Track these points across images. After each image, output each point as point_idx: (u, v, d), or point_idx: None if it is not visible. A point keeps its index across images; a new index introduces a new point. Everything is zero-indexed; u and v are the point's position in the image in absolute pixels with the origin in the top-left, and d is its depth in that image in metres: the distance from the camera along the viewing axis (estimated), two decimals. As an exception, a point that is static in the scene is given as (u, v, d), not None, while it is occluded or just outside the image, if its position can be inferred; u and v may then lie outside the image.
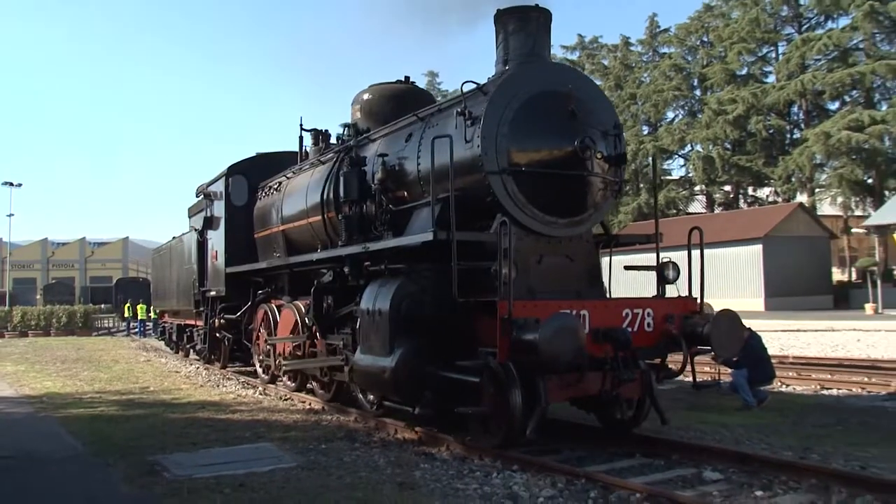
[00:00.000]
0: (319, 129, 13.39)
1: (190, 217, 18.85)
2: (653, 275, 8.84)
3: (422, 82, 57.77)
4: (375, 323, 8.46)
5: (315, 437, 8.65)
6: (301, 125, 13.31)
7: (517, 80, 8.22)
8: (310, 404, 11.41)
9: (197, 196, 17.30)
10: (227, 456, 7.78)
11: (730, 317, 7.77)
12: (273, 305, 13.48)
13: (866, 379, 12.69)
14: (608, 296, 8.69)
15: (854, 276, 43.84)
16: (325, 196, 11.27)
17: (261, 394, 12.94)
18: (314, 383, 11.73)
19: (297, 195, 12.42)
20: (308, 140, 13.52)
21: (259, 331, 13.89)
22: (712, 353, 8.08)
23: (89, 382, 15.61)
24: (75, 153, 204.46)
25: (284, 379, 12.97)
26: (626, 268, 8.87)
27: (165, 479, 6.86)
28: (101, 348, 27.95)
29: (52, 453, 8.21)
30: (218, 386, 14.32)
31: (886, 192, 41.96)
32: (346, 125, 11.31)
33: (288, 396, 12.26)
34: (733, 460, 7.00)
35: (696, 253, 8.26)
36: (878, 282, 33.88)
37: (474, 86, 8.34)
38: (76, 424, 10.07)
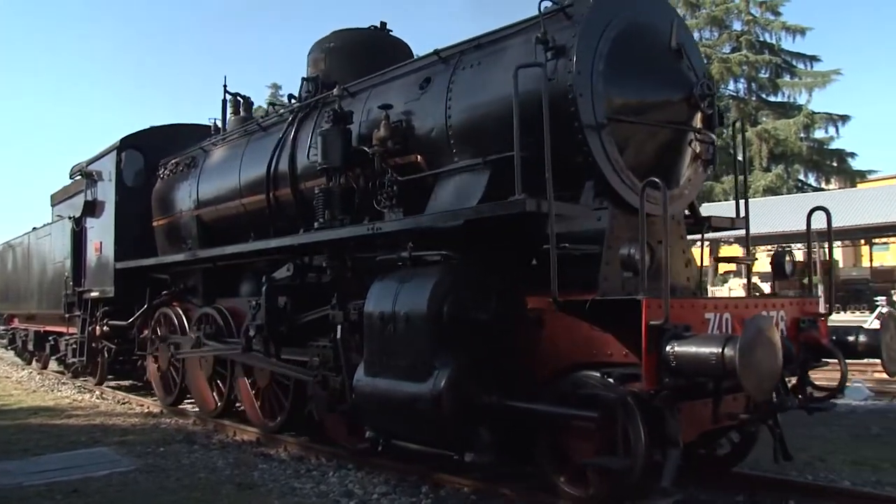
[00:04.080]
0: (241, 94, 9.95)
1: (55, 205, 14.25)
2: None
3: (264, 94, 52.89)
4: (398, 333, 5.34)
5: (153, 441, 7.85)
6: (225, 87, 9.76)
7: (608, 4, 5.37)
8: (148, 407, 10.21)
9: (71, 177, 12.90)
10: (61, 462, 6.91)
11: (896, 320, 5.31)
12: (178, 310, 9.75)
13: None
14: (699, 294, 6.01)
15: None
16: (272, 169, 7.88)
17: (98, 398, 11.44)
18: (244, 404, 8.23)
19: (224, 171, 8.87)
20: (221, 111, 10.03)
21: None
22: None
23: None
24: None
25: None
26: (717, 259, 6.18)
27: (-8, 488, 5.99)
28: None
29: None
30: (52, 391, 12.56)
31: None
32: (305, 79, 7.94)
33: (126, 400, 10.94)
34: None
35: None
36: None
37: (553, 5, 5.37)
38: None
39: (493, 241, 5.54)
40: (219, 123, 10.57)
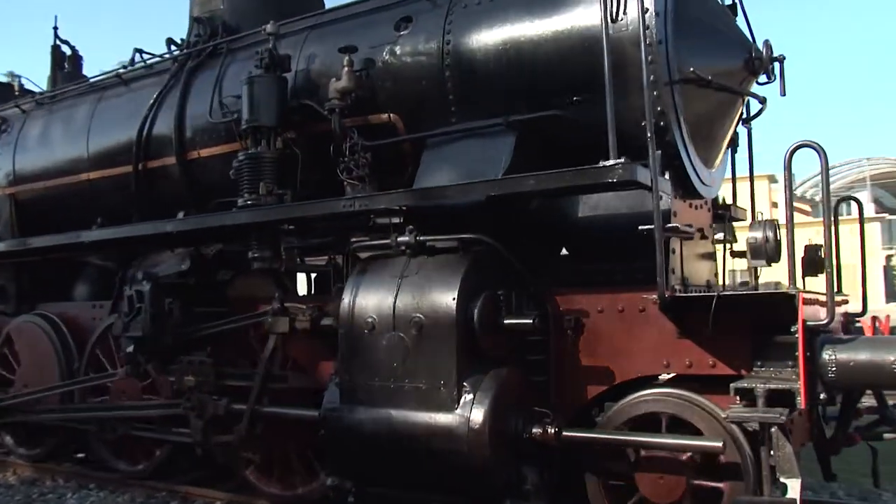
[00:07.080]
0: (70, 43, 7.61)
1: None
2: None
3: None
4: (404, 345, 3.86)
5: None
6: (56, 29, 7.33)
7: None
8: None
9: None
10: None
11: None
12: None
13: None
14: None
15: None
16: (145, 133, 5.84)
17: None
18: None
19: (60, 137, 6.57)
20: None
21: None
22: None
23: None
24: None
25: (6, 438, 6.70)
26: (734, 254, 5.29)
27: None
28: None
29: None
30: None
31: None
32: (196, 20, 5.96)
33: None
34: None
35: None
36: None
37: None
38: None
39: (513, 226, 4.26)
40: (25, 81, 8.08)
